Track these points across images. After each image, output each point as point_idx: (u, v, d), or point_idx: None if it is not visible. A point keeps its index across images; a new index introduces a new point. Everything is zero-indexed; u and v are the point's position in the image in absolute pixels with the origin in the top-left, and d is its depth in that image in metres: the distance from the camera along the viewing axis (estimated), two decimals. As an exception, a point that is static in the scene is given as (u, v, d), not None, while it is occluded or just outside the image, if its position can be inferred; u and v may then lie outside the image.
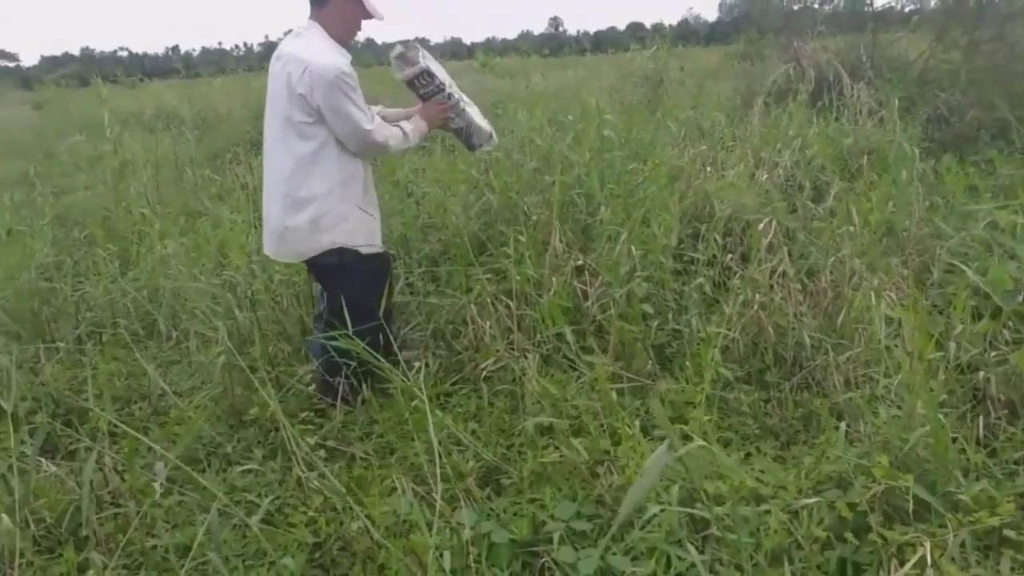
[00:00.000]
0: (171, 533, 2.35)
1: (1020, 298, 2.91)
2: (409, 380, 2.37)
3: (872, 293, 2.80)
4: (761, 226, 3.01)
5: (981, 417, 2.42)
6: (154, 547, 2.31)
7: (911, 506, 1.80)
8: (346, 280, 2.88)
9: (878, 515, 1.89)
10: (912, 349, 1.97)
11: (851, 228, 3.12)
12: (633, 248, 3.13)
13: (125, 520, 2.38)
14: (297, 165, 2.78)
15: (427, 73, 3.00)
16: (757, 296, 2.93)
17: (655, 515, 2.06)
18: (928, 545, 1.49)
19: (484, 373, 3.06)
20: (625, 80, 8.41)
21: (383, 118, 3.01)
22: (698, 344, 2.79)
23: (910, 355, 2.01)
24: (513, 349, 3.07)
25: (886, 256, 3.23)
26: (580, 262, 3.31)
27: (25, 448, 2.66)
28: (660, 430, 2.55)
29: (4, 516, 2.20)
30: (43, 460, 2.63)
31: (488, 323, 3.15)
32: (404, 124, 2.98)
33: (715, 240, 3.27)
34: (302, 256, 2.89)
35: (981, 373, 2.62)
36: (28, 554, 2.27)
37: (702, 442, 2.13)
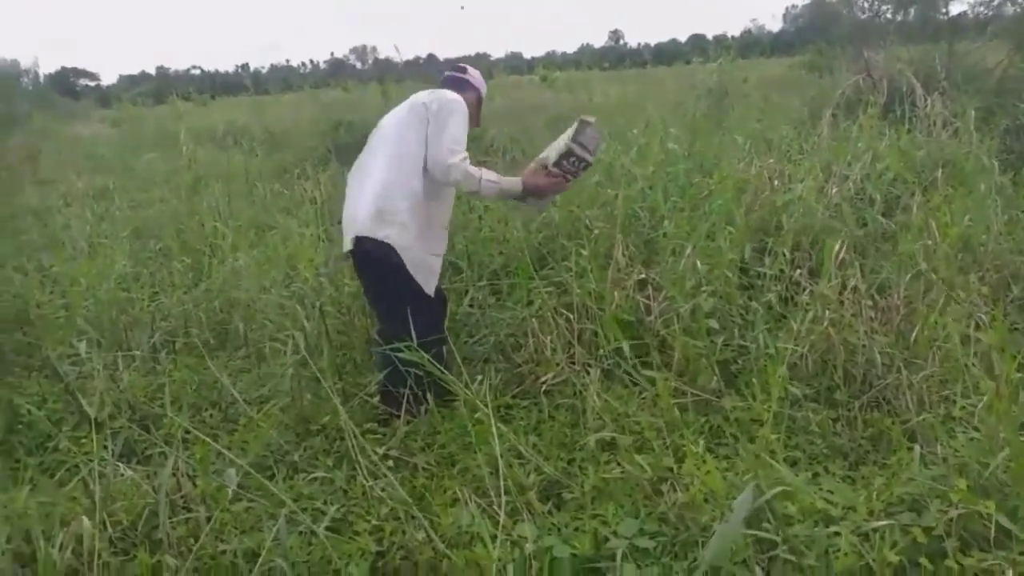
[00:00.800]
0: (240, 539, 2.41)
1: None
2: (472, 393, 2.39)
3: (948, 310, 2.71)
4: (836, 245, 2.93)
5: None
6: (223, 552, 2.38)
7: (992, 532, 1.73)
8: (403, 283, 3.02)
9: (954, 540, 1.82)
10: (998, 370, 1.89)
11: (928, 242, 3.02)
12: (698, 262, 3.09)
13: (196, 525, 2.45)
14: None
15: (579, 158, 3.04)
16: (827, 312, 2.86)
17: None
18: (1010, 573, 1.43)
19: (545, 387, 3.06)
20: (688, 93, 8.34)
21: None
22: (765, 361, 2.74)
23: (994, 376, 1.94)
24: (574, 363, 3.07)
25: (963, 272, 3.12)
26: (643, 276, 3.29)
27: (104, 453, 2.77)
28: (726, 447, 2.51)
29: (84, 518, 2.29)
30: (121, 464, 2.73)
31: (549, 337, 3.15)
32: (504, 178, 3.08)
33: (783, 254, 3.21)
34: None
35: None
36: (105, 555, 2.36)
37: (771, 461, 2.10)
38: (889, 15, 8.01)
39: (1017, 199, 4.25)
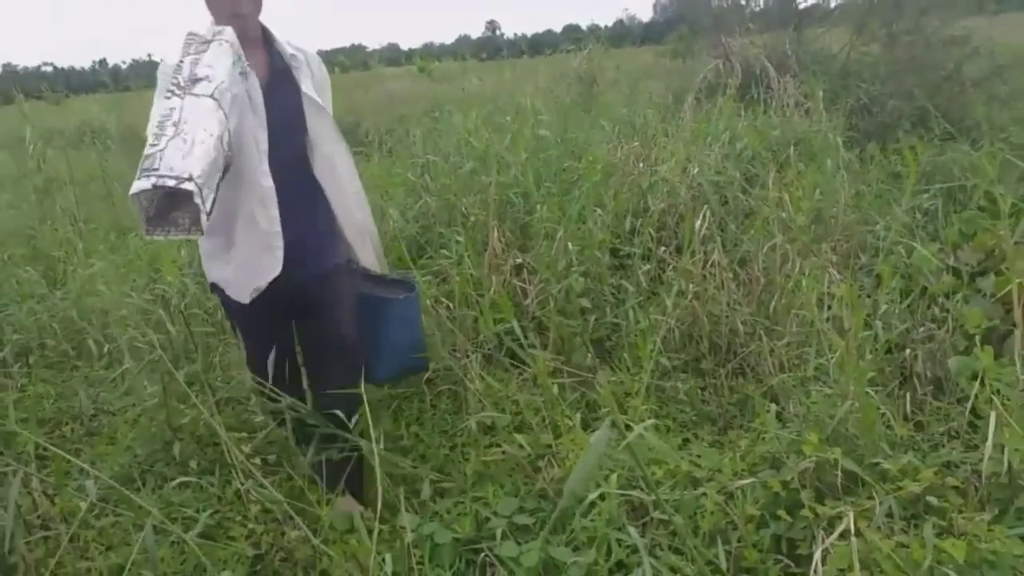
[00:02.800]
0: (105, 555, 2.28)
1: (942, 277, 3.02)
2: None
3: (803, 277, 2.87)
4: (697, 222, 3.06)
5: (908, 394, 2.50)
6: (88, 570, 2.24)
7: (839, 479, 1.85)
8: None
9: (810, 492, 1.93)
10: (848, 326, 2.02)
11: (783, 215, 3.19)
12: (570, 244, 3.15)
13: (56, 544, 2.30)
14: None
15: None
16: (691, 286, 2.98)
17: (596, 504, 2.07)
18: (852, 515, 1.53)
19: (426, 376, 3.04)
20: (560, 81, 8.46)
21: None
22: (636, 335, 2.83)
23: (844, 332, 2.07)
24: (455, 351, 3.07)
25: (816, 242, 3.32)
26: (519, 260, 3.32)
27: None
28: (600, 422, 2.57)
29: (-77, 546, 2.10)
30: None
31: (431, 327, 3.14)
32: None
33: (650, 234, 3.32)
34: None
35: (908, 351, 2.71)
36: (-49, 586, 2.18)
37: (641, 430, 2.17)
38: (745, 2, 8.40)
39: (863, 174, 4.56)
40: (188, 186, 1.77)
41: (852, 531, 1.47)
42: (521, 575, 1.92)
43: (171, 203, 1.88)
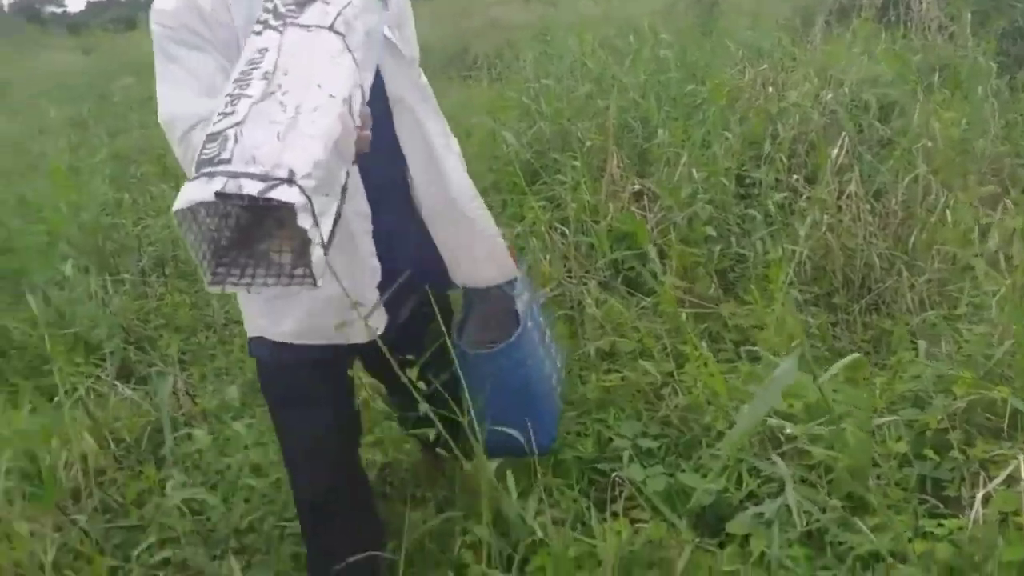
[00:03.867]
0: (245, 453, 2.41)
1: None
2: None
3: (949, 209, 2.69)
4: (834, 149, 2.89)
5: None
6: (228, 466, 2.38)
7: (1005, 420, 1.75)
8: None
9: (958, 433, 1.84)
10: (1018, 261, 1.88)
11: (928, 143, 2.98)
12: (694, 171, 3.04)
13: (199, 440, 2.45)
14: None
15: None
16: (825, 217, 2.83)
17: (724, 434, 2.04)
18: (1022, 458, 1.44)
19: (542, 301, 3.03)
20: (677, 3, 8.09)
21: None
22: (764, 266, 2.73)
23: (1012, 265, 1.93)
24: (571, 277, 3.04)
25: (962, 175, 3.09)
26: (638, 187, 3.24)
27: (101, 373, 2.75)
28: (725, 352, 2.51)
29: (87, 435, 2.28)
30: (119, 384, 2.71)
31: (545, 252, 3.11)
32: None
33: (781, 160, 3.16)
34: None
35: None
36: (110, 471, 2.36)
37: (774, 359, 2.10)
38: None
39: (1014, 102, 4.19)
40: (286, 195, 1.04)
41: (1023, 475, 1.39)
42: (647, 498, 1.92)
43: (256, 224, 1.18)
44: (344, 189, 1.18)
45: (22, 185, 4.88)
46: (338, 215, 1.16)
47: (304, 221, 1.05)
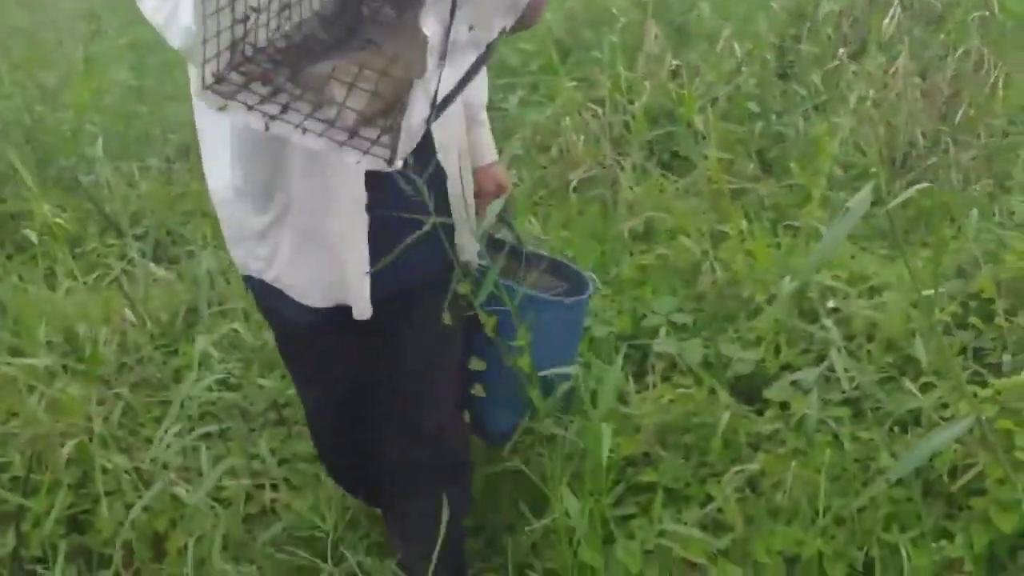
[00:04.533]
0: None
1: None
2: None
3: (1002, 80, 2.57)
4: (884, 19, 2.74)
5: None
6: (264, 344, 2.41)
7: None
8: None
9: (1004, 302, 1.80)
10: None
11: (985, 13, 2.82)
12: (736, 44, 2.91)
13: (235, 318, 2.48)
14: None
15: None
16: (871, 92, 2.72)
17: (763, 308, 2.02)
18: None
19: (574, 184, 2.97)
20: None
21: None
22: (807, 144, 2.64)
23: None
24: (604, 159, 2.97)
25: (1019, 49, 2.93)
26: (676, 64, 3.11)
27: (135, 254, 2.76)
28: (764, 230, 2.46)
29: (128, 311, 2.30)
30: (152, 265, 2.72)
31: (578, 133, 3.03)
32: None
33: (827, 34, 3.01)
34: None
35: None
36: (147, 349, 2.40)
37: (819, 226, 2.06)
38: None
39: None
40: None
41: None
42: (683, 370, 1.92)
43: (328, 29, 0.87)
44: (472, 68, 0.84)
45: (41, 74, 4.80)
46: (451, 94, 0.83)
47: (432, 35, 0.73)
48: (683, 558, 1.42)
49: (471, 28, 0.78)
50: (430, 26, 0.72)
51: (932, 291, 1.85)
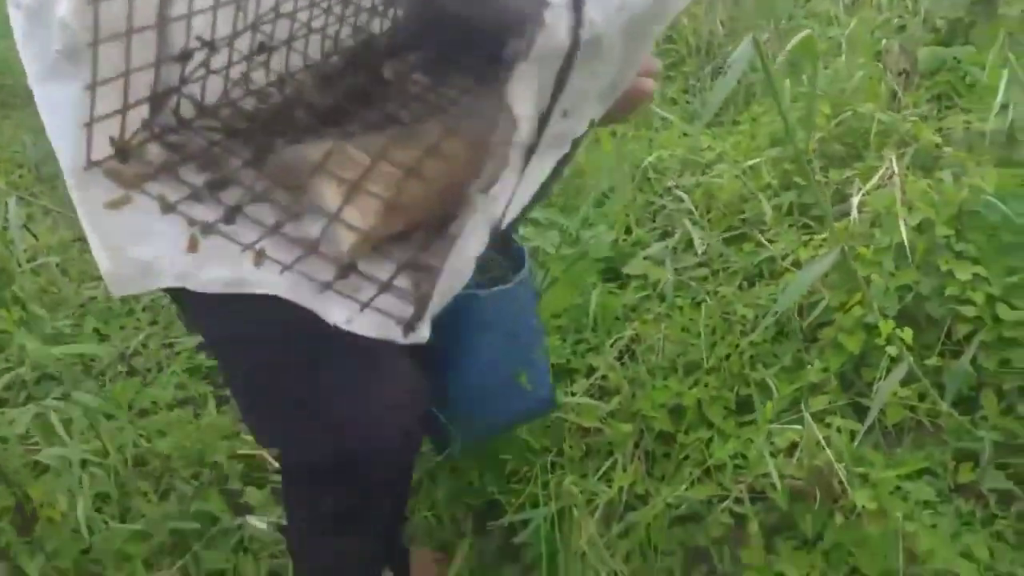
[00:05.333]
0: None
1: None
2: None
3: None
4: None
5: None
6: (94, 298, 2.21)
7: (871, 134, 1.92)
8: None
9: (819, 162, 2.01)
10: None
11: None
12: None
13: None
14: None
15: None
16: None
17: (608, 197, 2.11)
18: (893, 158, 1.60)
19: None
20: None
21: None
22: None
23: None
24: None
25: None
26: None
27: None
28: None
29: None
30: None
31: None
32: None
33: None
34: None
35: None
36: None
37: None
38: None
39: None
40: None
41: (896, 172, 1.55)
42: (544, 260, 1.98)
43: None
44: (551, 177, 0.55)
45: None
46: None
47: (522, 117, 0.45)
48: (577, 425, 1.50)
49: (565, 114, 0.49)
50: (522, 104, 0.43)
51: (756, 160, 2.04)
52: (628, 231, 2.01)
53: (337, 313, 0.47)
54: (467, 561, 1.36)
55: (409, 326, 0.45)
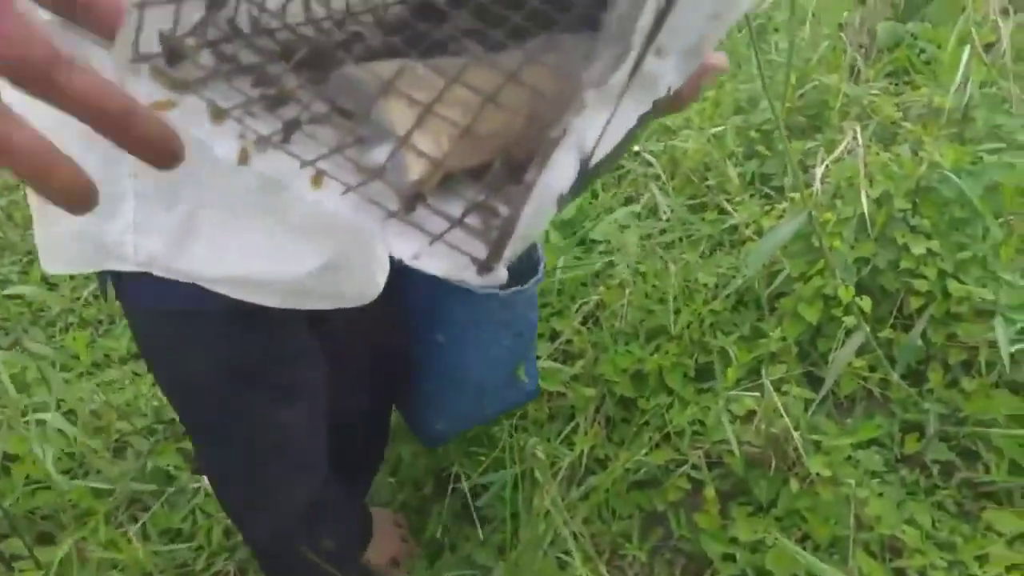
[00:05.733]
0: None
1: None
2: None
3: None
4: None
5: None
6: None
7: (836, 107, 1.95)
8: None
9: (780, 132, 2.02)
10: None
11: None
12: None
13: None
14: None
15: None
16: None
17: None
18: (857, 128, 1.63)
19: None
20: None
21: None
22: None
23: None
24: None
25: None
26: None
27: None
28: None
29: None
30: None
31: None
32: None
33: None
34: None
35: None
36: None
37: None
38: None
39: None
40: None
41: (860, 143, 1.57)
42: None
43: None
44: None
45: None
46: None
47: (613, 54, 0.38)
48: (542, 389, 1.52)
49: (659, 53, 0.42)
50: (614, 37, 0.38)
51: (720, 127, 2.05)
52: (595, 195, 2.01)
53: (404, 246, 0.41)
54: (430, 523, 1.38)
55: (485, 266, 0.39)
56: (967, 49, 1.86)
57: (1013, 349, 1.39)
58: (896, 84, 2.30)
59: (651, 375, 1.53)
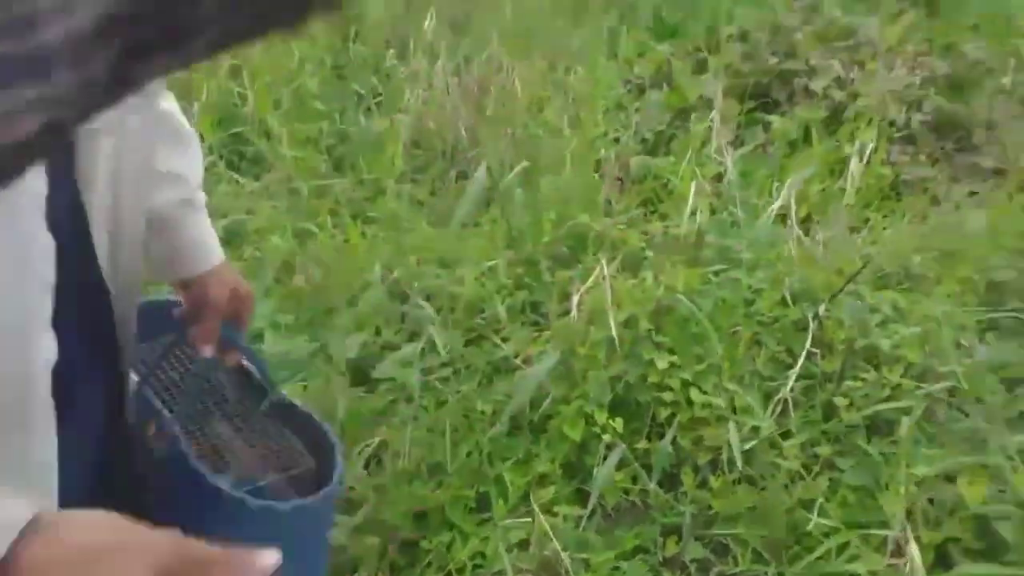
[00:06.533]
0: None
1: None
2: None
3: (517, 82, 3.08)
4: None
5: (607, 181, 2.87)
6: None
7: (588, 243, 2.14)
8: None
9: (547, 263, 2.22)
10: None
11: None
12: (294, 47, 3.02)
13: None
14: None
15: None
16: (420, 92, 3.05)
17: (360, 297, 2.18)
18: (604, 261, 1.82)
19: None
20: None
21: None
22: (373, 141, 2.88)
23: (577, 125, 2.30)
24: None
25: (527, 51, 3.52)
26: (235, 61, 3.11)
27: None
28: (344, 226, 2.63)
29: None
30: None
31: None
32: None
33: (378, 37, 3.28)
34: None
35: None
36: None
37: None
38: None
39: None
40: None
41: (606, 275, 1.76)
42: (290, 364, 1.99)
43: None
44: None
45: None
46: None
47: None
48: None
49: None
50: None
51: (494, 262, 2.21)
52: (378, 332, 2.08)
53: None
54: None
55: None
56: (693, 183, 2.16)
57: (746, 447, 1.58)
58: (646, 214, 2.60)
59: (433, 512, 1.57)
